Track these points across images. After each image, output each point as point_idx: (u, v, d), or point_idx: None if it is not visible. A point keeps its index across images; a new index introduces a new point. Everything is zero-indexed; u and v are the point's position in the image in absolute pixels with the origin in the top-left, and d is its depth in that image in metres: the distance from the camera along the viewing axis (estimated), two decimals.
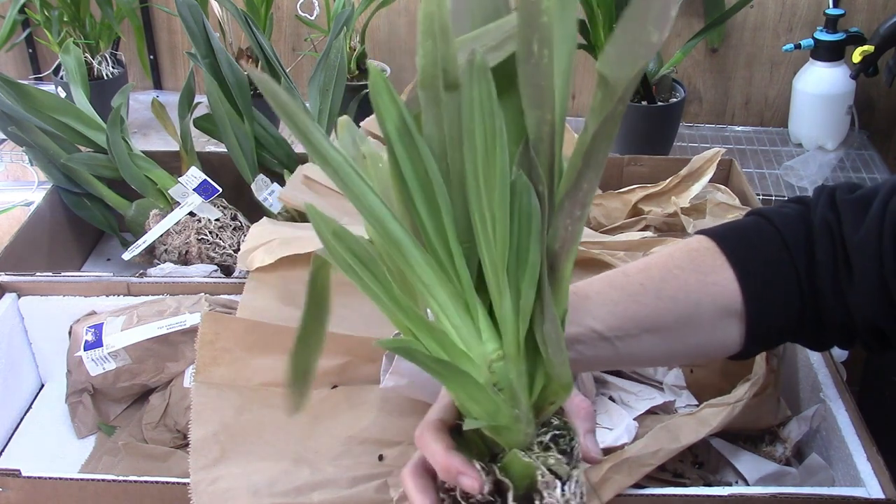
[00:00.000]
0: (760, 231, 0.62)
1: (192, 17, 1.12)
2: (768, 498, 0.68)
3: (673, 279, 0.59)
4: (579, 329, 0.56)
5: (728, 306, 0.59)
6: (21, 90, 1.08)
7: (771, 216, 0.63)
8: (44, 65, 1.71)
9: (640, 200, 1.07)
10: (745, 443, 0.81)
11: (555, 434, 0.47)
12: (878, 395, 1.33)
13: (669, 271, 0.59)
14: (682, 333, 0.59)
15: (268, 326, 0.80)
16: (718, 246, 0.61)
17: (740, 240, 0.61)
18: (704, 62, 1.57)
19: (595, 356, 0.57)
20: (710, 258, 0.60)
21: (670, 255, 0.61)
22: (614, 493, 0.67)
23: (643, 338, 0.58)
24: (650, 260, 0.61)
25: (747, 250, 0.61)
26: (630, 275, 0.60)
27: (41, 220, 1.09)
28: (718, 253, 0.61)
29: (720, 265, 0.60)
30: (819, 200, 0.62)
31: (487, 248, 0.40)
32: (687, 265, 0.60)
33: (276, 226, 0.94)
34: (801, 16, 1.50)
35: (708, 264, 0.60)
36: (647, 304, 0.58)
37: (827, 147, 1.47)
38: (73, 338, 0.93)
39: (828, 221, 0.60)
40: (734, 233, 0.62)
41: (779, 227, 0.61)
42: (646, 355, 0.60)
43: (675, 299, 0.58)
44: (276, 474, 0.71)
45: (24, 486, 0.73)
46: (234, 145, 1.11)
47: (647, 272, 0.60)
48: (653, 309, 0.58)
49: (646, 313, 0.57)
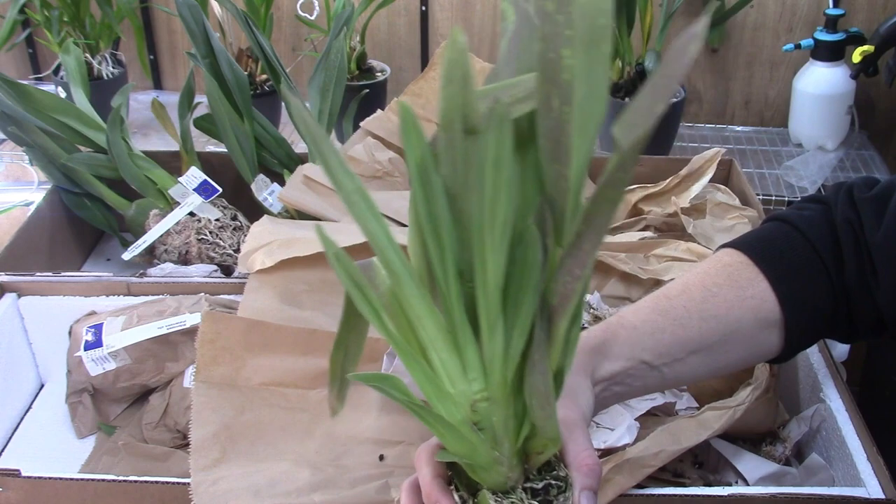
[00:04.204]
0: (787, 237, 0.62)
1: (192, 17, 1.12)
2: (768, 498, 0.68)
3: (713, 298, 0.60)
4: (630, 363, 0.57)
5: (767, 317, 0.60)
6: (21, 90, 1.08)
7: (794, 221, 0.63)
8: (44, 65, 1.70)
9: (640, 200, 1.07)
10: (746, 443, 0.81)
11: (548, 484, 0.47)
12: (878, 395, 1.33)
13: (709, 290, 0.60)
14: (725, 349, 0.60)
15: (268, 326, 0.80)
16: (750, 258, 0.61)
17: (770, 249, 0.62)
18: (704, 62, 1.57)
19: (643, 385, 0.58)
20: (745, 272, 0.61)
21: (706, 272, 0.62)
22: (615, 494, 0.67)
23: (689, 360, 0.59)
24: (688, 280, 0.62)
25: (779, 260, 0.61)
26: (672, 298, 0.60)
27: (41, 220, 1.09)
28: (751, 265, 0.61)
29: (755, 278, 0.61)
30: (839, 199, 0.63)
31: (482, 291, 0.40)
32: (724, 282, 0.61)
33: (277, 225, 0.94)
34: (801, 16, 1.50)
35: (744, 278, 0.61)
36: (692, 326, 0.58)
37: (827, 147, 1.47)
38: (73, 338, 0.93)
39: (850, 221, 0.61)
40: (762, 243, 0.63)
41: (804, 232, 0.62)
42: (690, 375, 0.60)
43: (718, 318, 0.59)
44: (276, 475, 0.71)
45: (24, 486, 0.73)
46: (234, 145, 1.11)
47: (687, 294, 0.60)
48: (697, 331, 0.58)
49: (691, 336, 0.58)
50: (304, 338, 0.80)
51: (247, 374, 0.78)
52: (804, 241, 0.62)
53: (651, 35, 1.39)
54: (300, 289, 0.85)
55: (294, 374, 0.79)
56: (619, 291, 0.91)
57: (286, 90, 1.15)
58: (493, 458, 0.44)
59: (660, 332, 0.58)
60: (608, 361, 0.57)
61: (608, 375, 0.57)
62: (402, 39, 1.62)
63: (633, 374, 0.57)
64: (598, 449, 0.70)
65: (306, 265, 0.85)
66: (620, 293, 0.91)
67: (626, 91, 1.39)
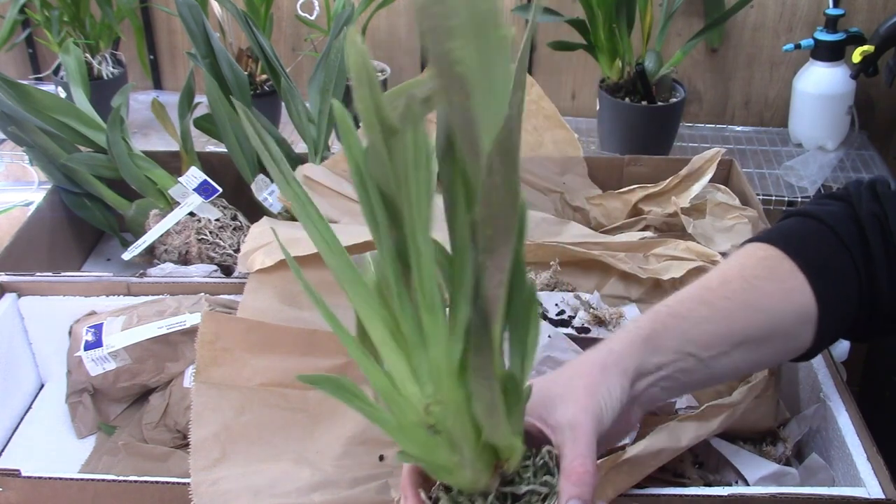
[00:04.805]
0: (818, 233, 0.62)
1: (192, 17, 1.12)
2: (768, 498, 0.68)
3: (755, 290, 0.59)
4: (678, 356, 0.55)
5: (806, 312, 0.59)
6: (21, 90, 1.08)
7: (821, 216, 0.62)
8: (44, 65, 1.70)
9: (640, 200, 1.07)
10: (746, 443, 0.81)
11: (532, 490, 0.45)
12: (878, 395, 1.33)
13: (749, 282, 0.59)
14: (767, 343, 0.59)
15: (268, 327, 0.80)
16: (784, 252, 0.60)
17: (803, 244, 0.61)
18: (704, 62, 1.57)
19: (689, 381, 0.57)
20: (783, 265, 0.60)
21: (743, 265, 0.61)
22: (615, 494, 0.67)
23: (734, 353, 0.57)
24: (725, 272, 0.61)
25: (813, 254, 0.60)
26: (713, 289, 0.59)
27: (41, 220, 1.09)
28: (787, 259, 0.60)
29: (793, 271, 0.60)
30: (862, 195, 0.62)
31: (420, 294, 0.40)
32: (764, 274, 0.60)
33: (277, 226, 0.94)
34: (801, 16, 1.50)
35: (783, 271, 0.60)
36: (737, 318, 0.57)
37: (827, 147, 1.47)
38: (73, 338, 0.93)
39: (876, 215, 0.61)
40: (794, 237, 0.62)
41: (832, 226, 0.61)
42: (732, 371, 0.59)
43: (761, 310, 0.58)
44: (276, 475, 0.71)
45: (24, 486, 0.73)
46: (234, 145, 1.11)
47: (728, 285, 0.59)
48: (742, 323, 0.57)
49: (736, 328, 0.57)
50: (304, 338, 0.80)
51: (247, 375, 0.78)
52: (834, 235, 0.61)
53: (651, 35, 1.39)
54: (300, 289, 0.85)
55: (294, 374, 0.79)
56: (618, 291, 0.91)
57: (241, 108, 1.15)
58: (454, 461, 0.43)
59: (706, 323, 0.56)
60: (658, 354, 0.55)
61: (655, 368, 0.55)
62: (402, 39, 1.62)
63: (682, 369, 0.56)
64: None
65: (306, 265, 0.84)
66: (620, 293, 0.91)
67: (626, 91, 1.39)
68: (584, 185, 1.12)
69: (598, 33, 1.36)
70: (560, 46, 1.43)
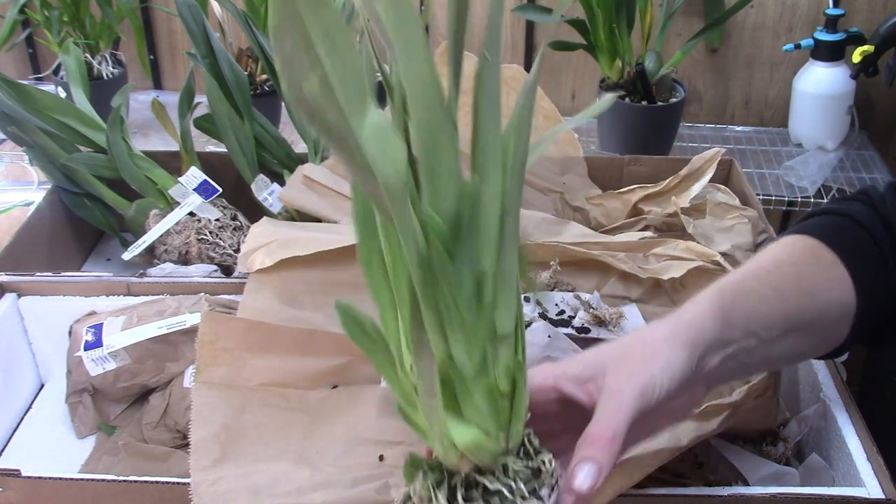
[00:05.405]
0: (850, 228, 0.61)
1: (192, 17, 1.12)
2: (768, 498, 0.68)
3: (805, 276, 0.58)
4: (743, 334, 0.53)
5: (847, 304, 0.59)
6: (21, 90, 1.08)
7: (849, 213, 0.62)
8: (44, 65, 1.70)
9: (640, 200, 1.07)
10: (746, 443, 0.81)
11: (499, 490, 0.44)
12: (878, 395, 1.33)
13: (798, 267, 0.58)
14: (815, 331, 0.58)
15: (268, 327, 0.80)
16: (824, 244, 0.60)
17: (842, 237, 0.60)
18: (704, 62, 1.57)
19: (749, 362, 0.55)
20: (826, 255, 0.59)
21: (790, 252, 0.60)
22: (615, 494, 0.67)
23: (787, 338, 0.56)
24: (774, 257, 0.60)
25: (850, 246, 0.60)
26: (770, 271, 0.58)
27: (41, 220, 1.09)
28: (827, 249, 0.59)
29: (835, 262, 0.59)
30: (885, 196, 0.62)
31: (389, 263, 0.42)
32: (811, 261, 0.59)
33: (276, 226, 0.94)
34: (801, 16, 1.50)
35: (827, 261, 0.59)
36: (792, 300, 0.56)
37: (827, 147, 1.47)
38: (73, 338, 0.93)
39: None
40: (832, 231, 0.61)
41: (862, 223, 0.61)
42: (783, 357, 0.58)
43: (812, 295, 0.57)
44: (276, 475, 0.71)
45: (24, 486, 0.72)
46: (234, 145, 1.11)
47: (780, 269, 0.58)
48: (796, 306, 0.56)
49: (790, 311, 0.56)
50: (304, 338, 0.80)
51: (247, 375, 0.78)
52: (865, 231, 0.61)
53: (651, 35, 1.39)
54: (300, 289, 0.85)
55: (294, 374, 0.79)
56: (618, 291, 0.91)
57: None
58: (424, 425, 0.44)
59: (767, 303, 0.55)
60: (730, 329, 0.52)
61: (727, 343, 0.52)
62: None
63: (745, 348, 0.53)
64: None
65: (306, 265, 0.85)
66: (620, 292, 0.91)
67: (626, 91, 1.39)
68: (584, 185, 1.12)
69: (598, 33, 1.36)
70: (560, 46, 1.43)
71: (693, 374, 0.50)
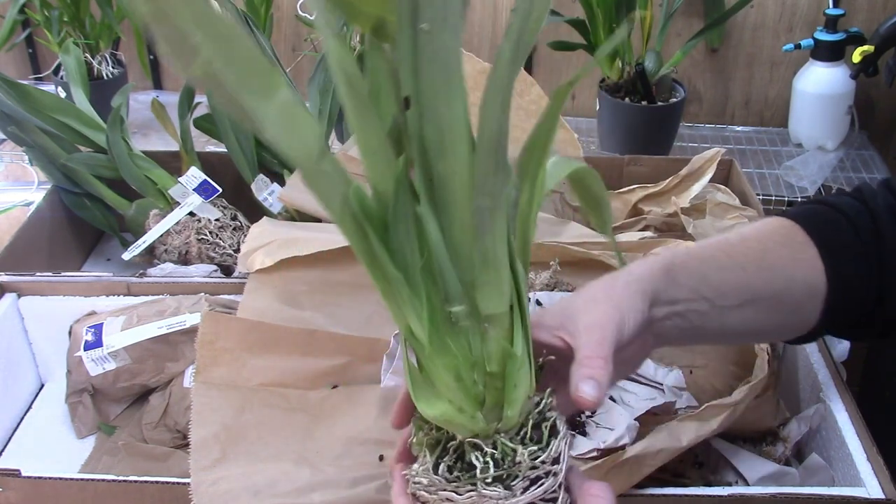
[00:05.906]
0: (833, 218, 0.62)
1: None
2: (768, 498, 0.68)
3: (770, 252, 0.59)
4: (693, 295, 0.56)
5: (815, 286, 0.60)
6: (21, 90, 1.08)
7: (836, 204, 0.63)
8: (44, 65, 1.70)
9: (640, 200, 1.07)
10: (745, 443, 0.81)
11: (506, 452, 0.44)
12: (878, 395, 1.33)
13: (764, 244, 0.60)
14: (775, 307, 0.59)
15: (268, 327, 0.80)
16: (801, 227, 0.61)
17: (819, 222, 0.62)
18: (704, 62, 1.57)
19: (700, 326, 0.57)
20: (798, 236, 0.61)
21: (758, 230, 0.62)
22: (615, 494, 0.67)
23: (743, 309, 0.58)
24: (743, 232, 0.62)
25: (827, 233, 0.61)
26: (733, 244, 0.60)
27: (41, 220, 1.09)
28: (801, 232, 0.61)
29: (807, 243, 0.60)
30: (877, 191, 0.63)
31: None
32: (780, 240, 0.61)
33: (276, 226, 0.94)
34: (801, 16, 1.50)
35: (798, 242, 0.61)
36: (751, 272, 0.58)
37: (827, 147, 1.47)
38: (73, 338, 0.93)
39: (891, 207, 0.61)
40: (810, 216, 0.63)
41: (846, 213, 0.62)
42: (739, 328, 0.59)
43: (774, 270, 0.59)
44: (276, 475, 0.71)
45: (24, 486, 0.73)
46: (234, 145, 1.11)
47: (745, 243, 0.60)
48: (756, 278, 0.58)
49: (749, 282, 0.57)
50: (304, 338, 0.80)
51: (247, 375, 0.78)
52: (848, 222, 0.62)
53: (651, 35, 1.39)
54: (300, 289, 0.85)
55: (294, 374, 0.79)
56: None
57: None
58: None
59: (723, 271, 0.57)
60: (675, 287, 0.55)
61: (672, 301, 0.55)
62: None
63: (696, 310, 0.56)
64: (597, 449, 0.70)
65: (306, 265, 0.85)
66: None
67: (626, 91, 1.39)
68: None
69: (598, 33, 1.36)
70: (560, 46, 1.43)
71: (645, 322, 0.53)
